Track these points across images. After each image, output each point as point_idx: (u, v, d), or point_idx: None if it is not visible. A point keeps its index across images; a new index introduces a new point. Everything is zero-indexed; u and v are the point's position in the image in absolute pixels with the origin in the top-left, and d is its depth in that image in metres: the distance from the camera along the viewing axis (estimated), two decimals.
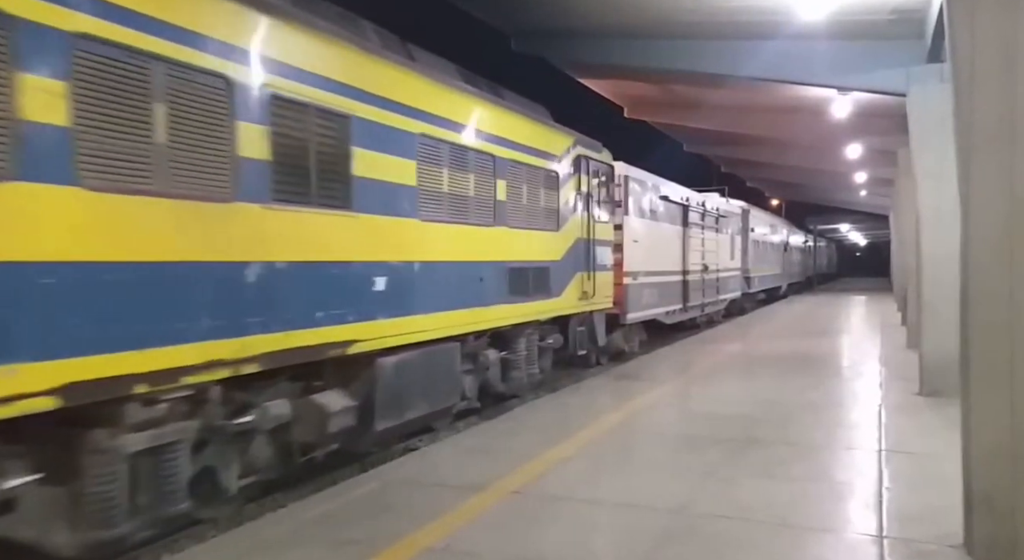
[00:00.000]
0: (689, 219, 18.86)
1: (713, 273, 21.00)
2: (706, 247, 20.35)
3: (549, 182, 10.64)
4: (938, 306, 9.47)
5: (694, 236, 19.28)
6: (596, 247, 12.24)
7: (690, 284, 18.65)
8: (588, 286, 11.86)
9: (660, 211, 16.67)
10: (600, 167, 12.65)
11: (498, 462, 6.70)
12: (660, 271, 16.31)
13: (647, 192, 15.80)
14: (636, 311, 14.73)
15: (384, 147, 7.14)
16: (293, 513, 5.59)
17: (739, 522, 5.19)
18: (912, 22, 10.01)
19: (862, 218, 56.93)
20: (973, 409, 4.37)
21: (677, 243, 18.06)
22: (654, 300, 15.79)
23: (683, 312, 18.28)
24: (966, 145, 4.30)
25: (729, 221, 23.90)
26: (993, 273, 4.24)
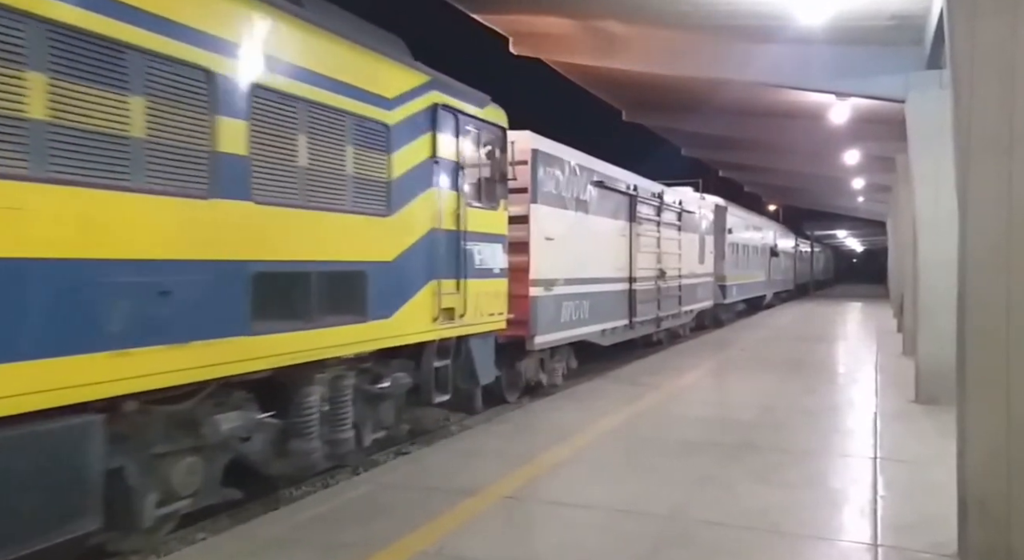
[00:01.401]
0: (638, 213, 14.89)
1: (674, 280, 17.21)
2: (664, 248, 16.49)
3: (367, 138, 6.84)
4: (934, 313, 9.46)
5: (646, 234, 15.40)
6: (473, 244, 8.60)
7: (639, 294, 14.72)
8: (455, 300, 8.18)
9: (593, 201, 12.78)
10: (484, 130, 9.01)
11: (492, 466, 6.67)
12: (593, 278, 12.64)
13: (571, 175, 11.92)
14: (551, 332, 11.16)
15: None
16: (285, 516, 5.55)
17: (733, 529, 5.16)
18: (911, 28, 10.01)
19: (859, 224, 57.10)
20: (968, 416, 4.35)
21: (621, 243, 14.19)
22: (582, 316, 12.26)
23: (629, 329, 14.53)
24: (964, 151, 4.28)
25: (699, 219, 20.28)
26: (990, 280, 4.22)
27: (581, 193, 12.37)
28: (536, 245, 10.68)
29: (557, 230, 11.32)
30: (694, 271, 19.37)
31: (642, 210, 15.23)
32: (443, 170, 8.04)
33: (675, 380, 11.70)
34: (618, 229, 14.09)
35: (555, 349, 11.79)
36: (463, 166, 8.41)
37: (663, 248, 16.49)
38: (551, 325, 11.11)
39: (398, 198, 7.30)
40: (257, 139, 5.63)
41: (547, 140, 11.22)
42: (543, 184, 10.97)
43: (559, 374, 12.14)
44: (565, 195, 11.75)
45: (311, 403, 6.42)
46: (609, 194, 13.57)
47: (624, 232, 14.36)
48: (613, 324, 13.70)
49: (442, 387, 8.23)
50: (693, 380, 11.99)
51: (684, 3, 10.10)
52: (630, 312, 14.42)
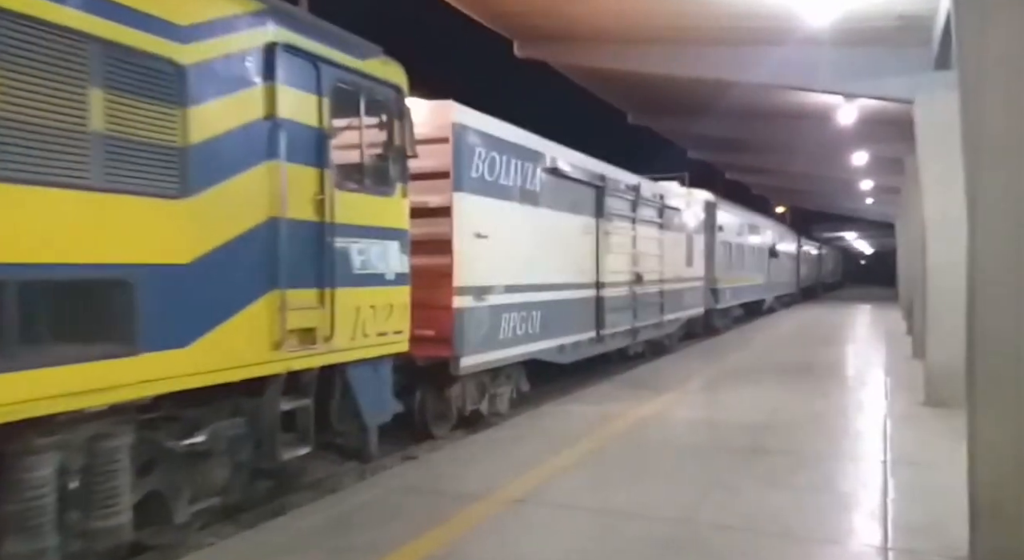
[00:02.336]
0: (607, 207, 12.70)
1: (653, 285, 14.90)
2: (640, 249, 14.19)
3: (136, 81, 4.67)
4: (944, 315, 9.41)
5: (617, 233, 13.18)
6: (349, 240, 6.45)
7: (608, 302, 12.58)
8: (316, 318, 6.03)
9: (546, 191, 10.60)
10: (368, 90, 6.73)
11: (500, 470, 6.66)
12: (546, 284, 10.51)
13: (515, 159, 9.77)
14: (485, 351, 9.03)
15: None
16: (293, 520, 5.55)
17: (743, 533, 5.14)
18: (919, 29, 9.97)
19: (868, 226, 56.88)
20: (979, 419, 4.32)
21: (585, 242, 12.02)
22: (531, 329, 10.06)
23: (597, 343, 12.36)
24: (973, 153, 4.26)
25: (685, 216, 17.92)
26: (1000, 282, 4.20)
27: (529, 181, 10.10)
28: (462, 244, 8.55)
29: (493, 226, 9.09)
30: (680, 274, 17.07)
31: (612, 204, 12.97)
32: (292, 137, 5.74)
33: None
34: (580, 226, 11.85)
35: (498, 370, 9.72)
36: (330, 134, 6.18)
37: (639, 248, 14.17)
38: (486, 342, 8.99)
39: (203, 173, 5.09)
40: None
41: (477, 113, 9.00)
42: (472, 168, 8.78)
43: (506, 400, 10.07)
44: (505, 183, 9.47)
45: (34, 481, 4.25)
46: (568, 184, 11.33)
47: (589, 229, 12.14)
48: (575, 338, 11.44)
49: (302, 436, 6.11)
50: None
51: (691, 4, 10.10)
52: (597, 323, 12.24)
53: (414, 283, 7.49)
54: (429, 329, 8.13)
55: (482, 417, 9.52)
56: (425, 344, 8.16)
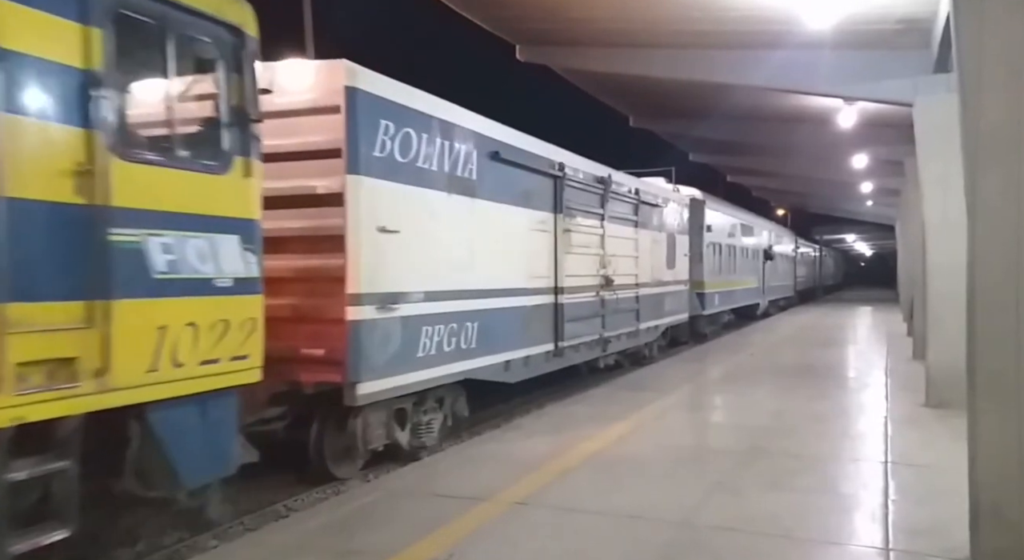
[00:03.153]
0: (567, 201, 11.07)
1: (627, 289, 13.41)
2: (611, 249, 12.63)
3: None
4: (945, 316, 9.42)
5: (581, 230, 11.60)
6: (143, 231, 4.70)
7: (570, 309, 10.94)
8: (73, 342, 4.24)
9: (486, 180, 8.92)
10: (179, 25, 5.05)
11: (503, 472, 6.67)
12: (485, 289, 8.86)
13: (442, 139, 8.07)
14: (396, 373, 7.32)
15: None
16: (296, 523, 5.57)
17: (744, 535, 5.16)
18: (919, 32, 10.00)
19: (868, 228, 56.88)
20: (980, 420, 4.33)
21: (539, 241, 10.38)
22: (464, 344, 8.43)
23: (555, 357, 10.75)
24: (973, 155, 4.28)
25: (667, 213, 16.22)
26: (1000, 283, 4.21)
27: (462, 167, 8.42)
28: (361, 240, 6.84)
29: (408, 219, 7.45)
30: (660, 278, 15.54)
31: (574, 198, 11.33)
32: (25, 78, 4.06)
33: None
34: (533, 222, 10.18)
35: (424, 394, 8.01)
36: (106, 81, 4.40)
37: (610, 249, 12.58)
38: (397, 362, 7.29)
39: None
40: None
41: (383, 78, 7.24)
42: (375, 145, 7.03)
43: (435, 430, 8.28)
44: (427, 167, 7.76)
45: None
46: (517, 174, 9.62)
47: (545, 226, 10.48)
48: (525, 352, 9.83)
49: (59, 512, 4.27)
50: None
51: (694, 9, 10.13)
52: (556, 334, 10.61)
53: (296, 291, 6.59)
54: (317, 347, 6.64)
55: (403, 451, 7.83)
56: (313, 367, 6.67)
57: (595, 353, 12.40)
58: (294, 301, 6.68)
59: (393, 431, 7.65)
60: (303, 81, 6.86)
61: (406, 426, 7.86)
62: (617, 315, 12.96)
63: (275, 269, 6.15)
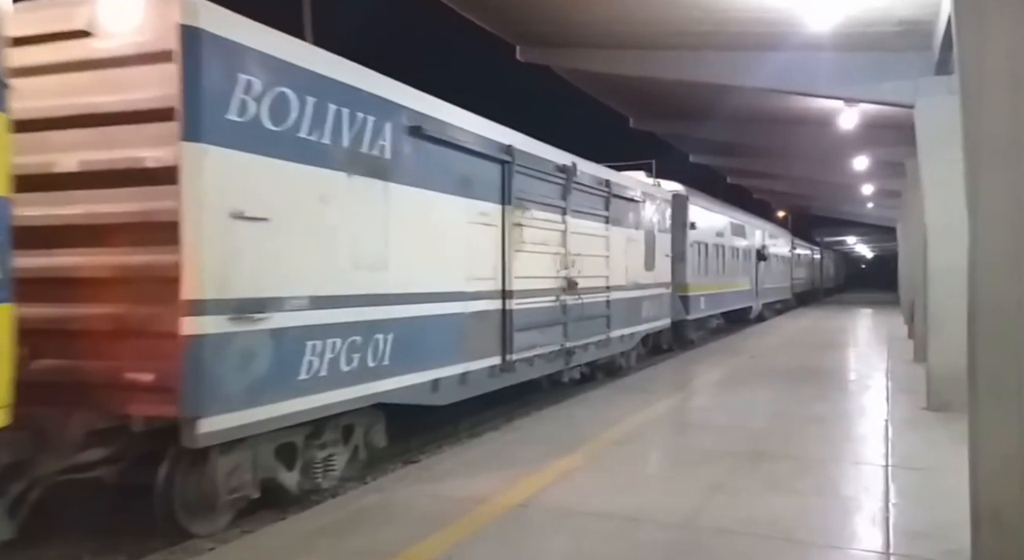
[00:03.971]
0: (517, 191, 9.42)
1: (596, 293, 11.99)
2: (574, 248, 11.11)
3: None
4: (945, 319, 9.41)
5: (535, 225, 9.99)
6: None
7: (521, 316, 9.40)
8: None
9: (405, 160, 7.37)
10: None
11: (502, 474, 6.65)
12: (403, 294, 7.31)
13: (333, 104, 6.43)
14: (265, 401, 5.69)
15: None
16: (294, 524, 5.55)
17: (745, 537, 5.14)
18: (920, 34, 9.99)
19: (869, 230, 56.87)
20: (981, 423, 4.31)
21: (484, 236, 8.87)
22: (373, 361, 6.84)
23: (503, 371, 9.15)
24: (973, 157, 4.26)
25: (643, 209, 14.62)
26: (1001, 286, 4.20)
27: (370, 143, 6.81)
28: (204, 230, 5.25)
29: (285, 203, 5.84)
30: (636, 280, 14.00)
31: (527, 188, 9.74)
32: None
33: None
34: (472, 213, 8.60)
35: (322, 423, 6.51)
36: None
37: (574, 247, 11.08)
38: (265, 389, 5.61)
39: None
40: None
41: (244, 20, 5.66)
42: (229, 107, 5.41)
43: (337, 467, 6.84)
44: (314, 140, 6.14)
45: None
46: (448, 154, 8.07)
47: (489, 219, 8.92)
48: (462, 367, 8.21)
49: None
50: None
51: (695, 10, 10.12)
52: (504, 345, 9.09)
53: (119, 295, 5.27)
54: (145, 371, 5.18)
55: (294, 497, 6.47)
56: (142, 396, 5.21)
57: (556, 366, 10.83)
58: (117, 309, 5.24)
59: (276, 472, 6.16)
60: (130, 20, 5.29)
61: (295, 465, 6.38)
62: (583, 322, 11.38)
63: (91, 267, 5.25)
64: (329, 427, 6.65)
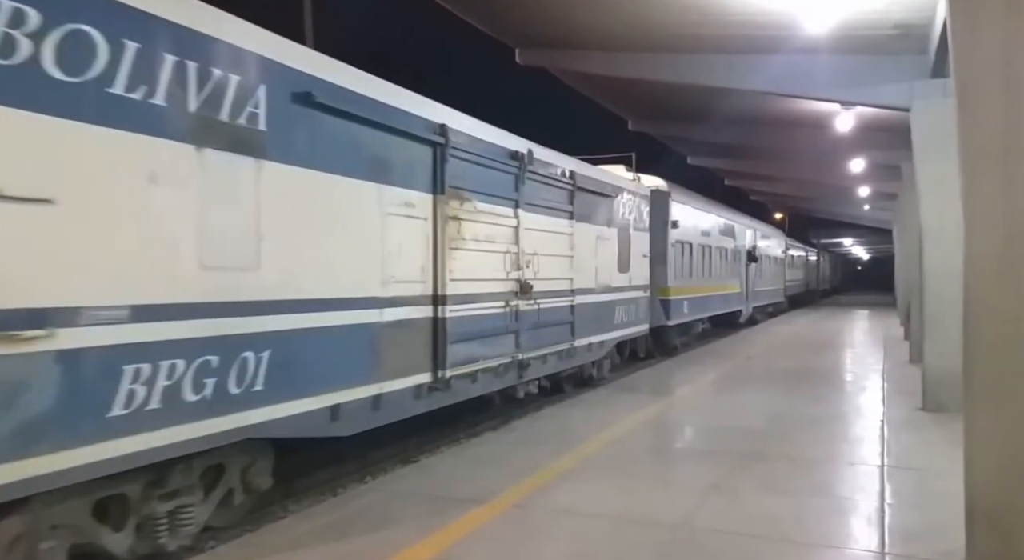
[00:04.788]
0: (452, 178, 7.96)
1: (558, 298, 10.61)
2: (529, 245, 9.67)
3: None
4: (941, 320, 9.45)
5: (480, 218, 8.59)
6: None
7: (458, 325, 7.97)
8: None
9: (288, 130, 5.86)
10: None
11: (500, 474, 6.68)
12: (285, 300, 5.79)
13: (167, 49, 4.87)
14: (38, 450, 4.05)
15: None
16: (293, 524, 5.58)
17: (741, 537, 5.17)
18: (915, 37, 10.04)
19: (866, 232, 57.01)
20: (976, 424, 4.35)
21: (407, 230, 7.40)
22: (238, 388, 5.29)
23: (437, 391, 7.74)
24: (968, 159, 4.30)
25: (617, 205, 13.24)
26: (996, 288, 4.23)
27: (234, 109, 5.34)
28: None
29: (83, 181, 4.46)
30: (608, 282, 12.62)
31: (468, 175, 8.30)
32: None
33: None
34: (390, 203, 7.07)
35: (170, 467, 5.11)
36: None
37: (529, 245, 9.66)
38: (46, 433, 4.16)
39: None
40: None
41: None
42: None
43: (194, 520, 5.43)
44: (139, 99, 4.73)
45: None
46: (354, 131, 6.58)
47: (415, 210, 7.47)
48: (375, 388, 6.69)
49: None
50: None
51: (692, 13, 10.16)
52: (435, 359, 7.66)
53: None
54: None
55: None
56: None
57: (507, 380, 9.37)
58: None
59: (96, 535, 4.77)
60: None
61: (127, 523, 4.96)
62: (541, 330, 9.95)
63: None
64: (178, 472, 5.21)
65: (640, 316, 14.58)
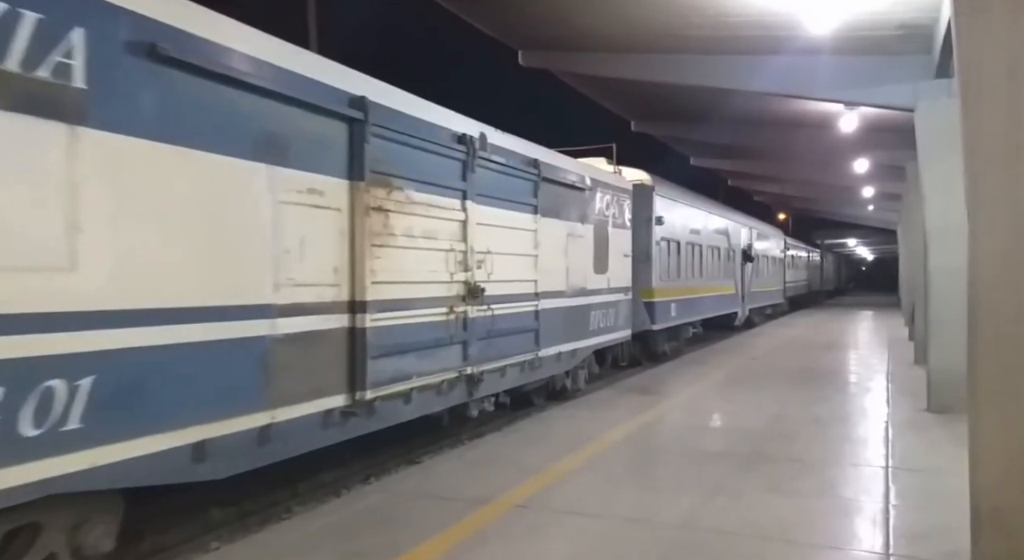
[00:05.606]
0: (375, 162, 6.71)
1: (520, 302, 9.44)
2: (480, 243, 8.47)
3: None
4: (946, 321, 9.43)
5: (416, 211, 7.38)
6: None
7: (380, 336, 6.70)
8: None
9: (124, 90, 4.57)
10: None
11: (503, 475, 6.68)
12: (117, 311, 4.47)
13: None
14: None
15: None
16: (298, 524, 5.59)
17: (745, 538, 5.16)
18: (920, 37, 10.03)
19: (870, 232, 56.93)
20: (980, 426, 4.34)
21: (313, 223, 6.10)
22: (41, 428, 4.00)
23: (355, 416, 6.47)
24: (973, 160, 4.30)
25: (590, 199, 12.00)
26: (1000, 289, 4.22)
27: (26, 58, 4.07)
28: None
29: None
30: (582, 284, 11.48)
31: (397, 159, 7.04)
32: None
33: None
34: (286, 189, 5.84)
35: None
36: None
37: (480, 242, 8.45)
38: None
39: None
40: None
41: None
42: None
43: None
44: None
45: None
46: (229, 97, 5.37)
47: (325, 199, 6.22)
48: (265, 418, 5.52)
49: None
50: None
51: (695, 15, 10.17)
52: (351, 378, 6.40)
53: None
54: None
55: None
56: None
57: (454, 398, 8.09)
58: None
59: None
60: None
61: None
62: (497, 340, 8.80)
63: None
64: None
65: (621, 321, 13.44)
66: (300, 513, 6.12)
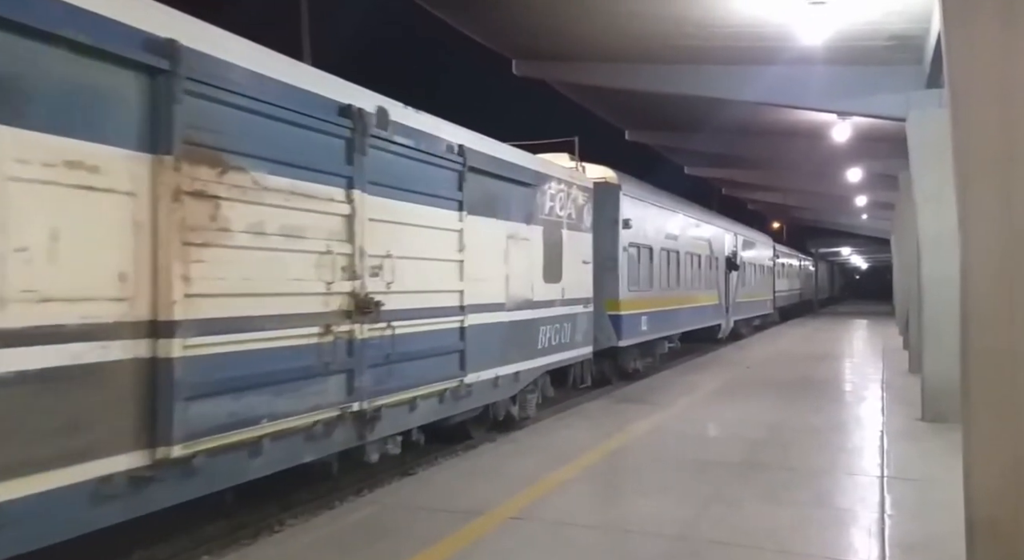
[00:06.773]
0: (183, 128, 4.83)
1: (437, 318, 7.77)
2: (376, 245, 6.77)
3: None
4: (940, 330, 9.44)
5: (266, 199, 5.53)
6: None
7: (198, 368, 4.84)
8: None
9: None
10: None
11: (497, 486, 6.65)
12: None
13: None
14: None
15: None
16: (290, 536, 5.55)
17: (741, 549, 5.14)
18: (911, 48, 10.09)
19: (863, 241, 57.10)
20: (975, 435, 4.33)
21: (88, 214, 4.31)
22: None
23: (154, 481, 4.57)
24: (963, 169, 4.30)
25: (544, 197, 10.61)
26: (993, 298, 4.22)
27: None
28: None
29: None
30: (526, 295, 9.87)
31: (236, 129, 5.35)
32: None
33: None
34: (28, 162, 4.01)
35: None
36: None
37: (377, 244, 6.82)
38: None
39: None
40: None
41: None
42: None
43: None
44: None
45: None
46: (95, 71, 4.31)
47: (104, 179, 4.43)
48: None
49: None
50: None
51: (689, 25, 10.22)
52: (152, 428, 4.61)
53: None
54: None
55: None
56: None
57: (337, 443, 6.38)
58: None
59: None
60: None
61: None
62: (402, 365, 7.12)
63: None
64: None
65: (580, 336, 11.72)
66: (293, 526, 6.07)
